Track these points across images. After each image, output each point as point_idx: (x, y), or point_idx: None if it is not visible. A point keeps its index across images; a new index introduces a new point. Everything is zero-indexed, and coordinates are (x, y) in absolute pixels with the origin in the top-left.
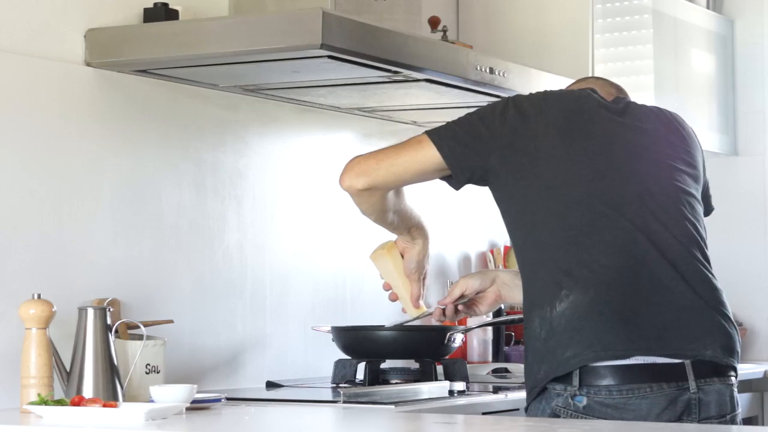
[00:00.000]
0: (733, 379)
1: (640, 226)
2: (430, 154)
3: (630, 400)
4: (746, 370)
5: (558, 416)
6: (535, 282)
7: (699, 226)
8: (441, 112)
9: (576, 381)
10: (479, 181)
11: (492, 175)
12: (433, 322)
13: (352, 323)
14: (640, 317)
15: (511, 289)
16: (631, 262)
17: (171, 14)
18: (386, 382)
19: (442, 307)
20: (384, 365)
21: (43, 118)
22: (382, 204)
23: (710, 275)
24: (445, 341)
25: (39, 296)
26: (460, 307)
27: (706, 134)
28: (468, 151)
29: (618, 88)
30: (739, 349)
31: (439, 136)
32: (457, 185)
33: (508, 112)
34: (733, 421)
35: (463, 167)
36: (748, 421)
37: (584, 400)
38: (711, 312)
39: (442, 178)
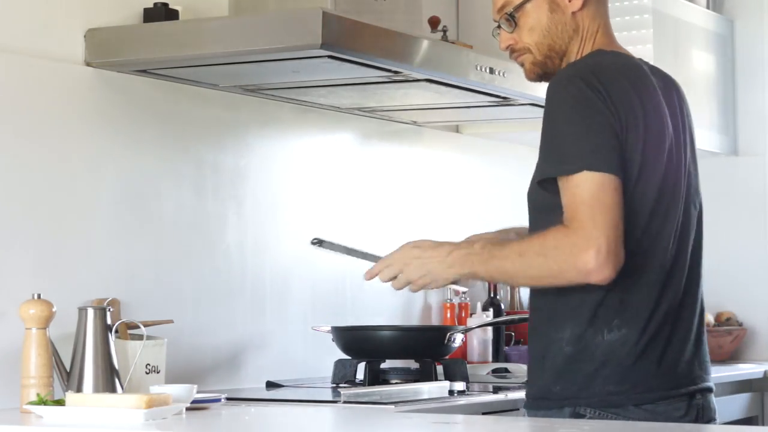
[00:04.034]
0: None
1: (684, 260)
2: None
3: (658, 407)
4: (746, 370)
5: (583, 416)
6: (582, 293)
7: (703, 239)
8: (441, 112)
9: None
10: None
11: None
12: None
13: (352, 323)
14: (674, 355)
15: None
16: (674, 302)
17: (171, 14)
18: (386, 382)
19: None
20: (384, 365)
21: (43, 118)
22: None
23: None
24: (445, 341)
25: (39, 296)
26: None
27: (706, 134)
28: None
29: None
30: None
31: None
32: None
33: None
34: None
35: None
36: (748, 421)
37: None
38: (705, 333)
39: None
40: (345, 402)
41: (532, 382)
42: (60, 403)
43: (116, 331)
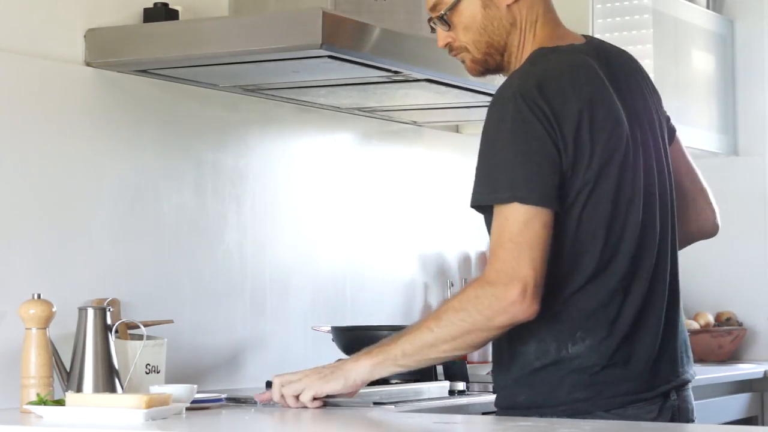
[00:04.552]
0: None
1: (649, 259)
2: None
3: (627, 410)
4: (746, 370)
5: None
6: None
7: (678, 229)
8: (441, 112)
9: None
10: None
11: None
12: None
13: (352, 323)
14: (643, 357)
15: None
16: (639, 304)
17: (171, 14)
18: (386, 382)
19: None
20: None
21: (43, 118)
22: None
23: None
24: None
25: (39, 296)
26: None
27: (706, 134)
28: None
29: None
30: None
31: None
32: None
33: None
34: None
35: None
36: (748, 421)
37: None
38: (683, 326)
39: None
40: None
41: (499, 393)
42: (60, 403)
43: (116, 331)
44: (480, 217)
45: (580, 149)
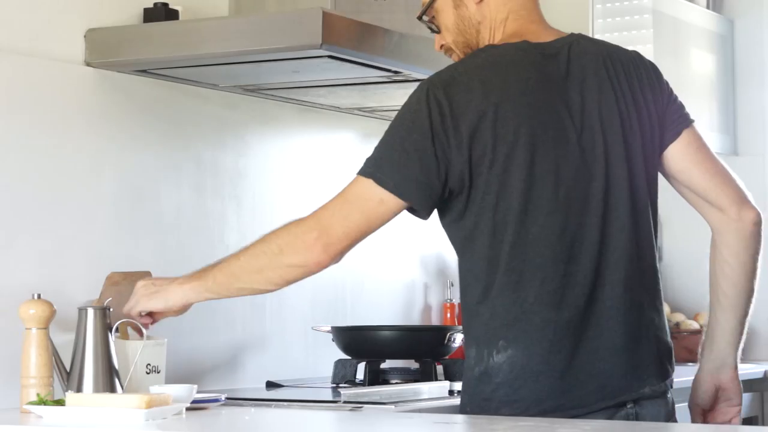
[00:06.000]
0: (668, 394)
1: (586, 267)
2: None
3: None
4: (746, 370)
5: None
6: (470, 315)
7: (651, 234)
8: None
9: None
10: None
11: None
12: None
13: (352, 323)
14: (579, 371)
15: None
16: (574, 315)
17: (171, 14)
18: (386, 382)
19: None
20: (384, 365)
21: (43, 118)
22: None
23: (653, 290)
24: (445, 341)
25: (39, 296)
26: None
27: (706, 134)
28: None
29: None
30: (674, 361)
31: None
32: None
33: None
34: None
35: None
36: (748, 421)
37: None
38: (649, 338)
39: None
40: (345, 402)
41: (461, 398)
42: (60, 403)
43: (116, 331)
44: None
45: (479, 148)
